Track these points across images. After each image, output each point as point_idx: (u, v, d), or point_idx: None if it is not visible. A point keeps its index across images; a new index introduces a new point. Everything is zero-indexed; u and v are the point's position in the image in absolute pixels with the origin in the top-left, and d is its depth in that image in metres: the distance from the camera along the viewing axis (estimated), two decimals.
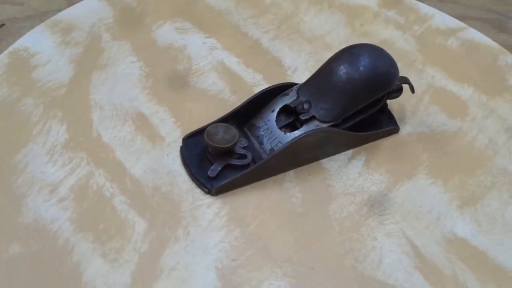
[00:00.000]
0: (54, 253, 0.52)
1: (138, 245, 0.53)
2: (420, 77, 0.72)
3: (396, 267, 0.53)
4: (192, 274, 0.52)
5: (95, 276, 0.51)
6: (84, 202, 0.56)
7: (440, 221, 0.57)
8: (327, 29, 0.78)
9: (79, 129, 0.62)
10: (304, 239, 0.55)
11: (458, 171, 0.62)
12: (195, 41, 0.74)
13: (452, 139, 0.65)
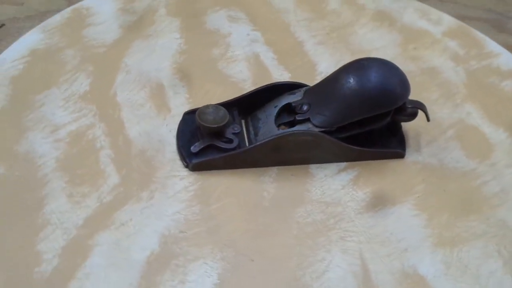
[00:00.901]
0: (30, 183, 0.57)
1: (103, 195, 0.57)
2: (455, 110, 0.68)
3: (336, 283, 0.52)
4: (138, 233, 0.54)
5: (54, 211, 0.55)
6: (75, 147, 0.61)
7: (406, 253, 0.54)
8: (376, 46, 0.76)
9: (101, 85, 0.67)
10: (257, 231, 0.55)
11: (450, 211, 0.58)
12: (241, 31, 0.77)
13: (459, 178, 0.61)
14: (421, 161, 0.62)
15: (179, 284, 0.50)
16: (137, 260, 0.52)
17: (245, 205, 0.57)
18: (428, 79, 0.71)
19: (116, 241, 0.53)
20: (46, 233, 0.53)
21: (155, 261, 0.52)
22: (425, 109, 0.61)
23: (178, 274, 0.51)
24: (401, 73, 0.58)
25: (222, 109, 0.60)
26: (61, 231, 0.53)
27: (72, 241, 0.53)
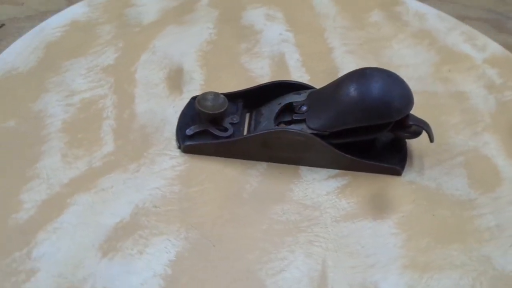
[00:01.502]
0: (33, 138, 0.61)
1: (94, 160, 0.60)
2: (472, 138, 0.65)
3: (290, 284, 0.51)
4: (115, 200, 0.56)
5: (46, 167, 0.59)
6: (83, 113, 0.64)
7: (371, 269, 0.52)
8: (409, 63, 0.74)
9: (125, 61, 0.71)
10: (227, 220, 0.55)
11: (433, 236, 0.55)
12: (274, 30, 0.77)
13: (454, 206, 0.58)
14: (418, 182, 0.60)
15: (137, 254, 0.52)
16: (106, 225, 0.54)
17: (224, 193, 0.57)
18: (453, 103, 0.69)
19: (92, 204, 0.55)
20: (32, 185, 0.57)
21: (122, 228, 0.54)
22: (428, 128, 0.59)
23: (139, 244, 0.53)
24: (404, 87, 0.57)
25: (222, 98, 0.61)
26: (46, 186, 0.57)
27: (53, 197, 0.56)
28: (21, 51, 0.70)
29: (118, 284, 0.50)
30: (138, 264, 0.51)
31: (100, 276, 0.50)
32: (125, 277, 0.50)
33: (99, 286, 0.50)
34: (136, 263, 0.51)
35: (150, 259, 0.52)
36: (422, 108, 0.62)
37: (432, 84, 0.70)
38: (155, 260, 0.52)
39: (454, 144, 0.64)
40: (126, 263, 0.51)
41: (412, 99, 0.57)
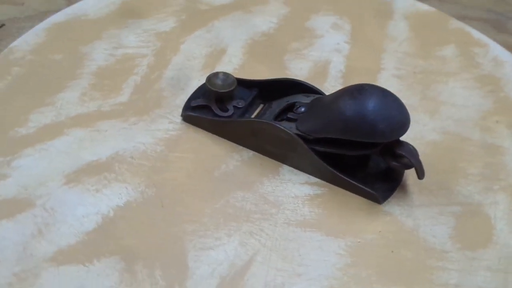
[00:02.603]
0: (66, 74, 0.69)
1: (104, 105, 0.65)
2: (481, 193, 0.59)
3: (210, 262, 0.52)
4: (102, 142, 0.61)
5: (63, 99, 0.66)
6: (118, 65, 0.70)
7: (296, 277, 0.51)
8: (457, 103, 0.70)
9: (180, 31, 0.76)
10: (187, 189, 0.57)
11: (378, 270, 0.52)
12: (333, 38, 0.77)
13: (420, 250, 0.54)
14: (396, 216, 0.57)
15: (93, 191, 0.56)
16: (82, 159, 0.59)
17: (198, 166, 0.59)
18: (481, 154, 0.63)
19: (82, 139, 0.61)
20: (44, 110, 0.64)
21: (94, 166, 0.58)
22: (416, 163, 0.55)
23: (99, 184, 0.57)
24: (399, 112, 0.54)
25: (231, 80, 0.63)
26: (54, 113, 0.63)
27: (55, 124, 0.62)
28: (98, 3, 0.78)
29: (64, 209, 0.54)
30: (89, 199, 0.55)
31: (54, 198, 0.55)
32: (73, 205, 0.55)
33: (48, 205, 0.54)
34: (88, 198, 0.55)
35: (102, 199, 0.55)
36: (444, 149, 0.61)
37: (469, 129, 0.65)
38: (105, 201, 0.55)
39: (457, 192, 0.59)
40: (80, 195, 0.55)
41: (402, 126, 0.54)
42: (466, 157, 0.62)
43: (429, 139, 0.64)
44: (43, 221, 0.53)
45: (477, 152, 0.63)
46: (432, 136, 0.64)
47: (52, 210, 0.54)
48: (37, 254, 0.51)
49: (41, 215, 0.53)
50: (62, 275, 0.49)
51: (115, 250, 0.51)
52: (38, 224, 0.53)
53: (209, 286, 0.49)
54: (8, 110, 0.63)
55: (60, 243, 0.52)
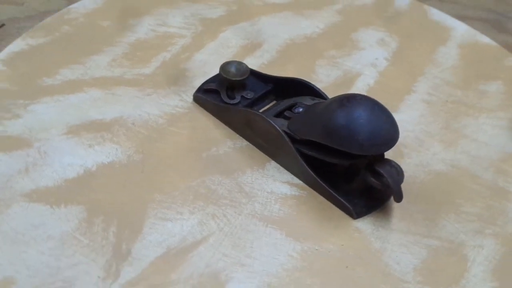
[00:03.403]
0: (107, 40, 0.74)
1: (128, 73, 0.69)
2: (468, 234, 0.56)
3: (162, 232, 0.54)
4: (112, 105, 0.65)
5: (94, 61, 0.71)
6: (156, 40, 0.75)
7: (238, 266, 0.51)
8: (479, 139, 0.66)
9: (223, 20, 0.79)
10: (171, 163, 0.59)
11: (324, 280, 0.51)
12: (374, 53, 0.76)
13: (377, 273, 0.52)
14: (365, 234, 0.55)
15: (86, 146, 0.60)
16: (88, 116, 0.63)
17: (190, 144, 0.61)
18: (487, 194, 0.59)
19: (96, 99, 0.65)
20: (75, 67, 0.69)
21: (96, 124, 0.63)
22: (394, 185, 0.53)
23: (94, 140, 0.61)
24: (385, 129, 0.52)
25: (244, 71, 0.64)
26: (81, 72, 0.69)
27: (78, 81, 0.67)
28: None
29: (55, 155, 0.59)
30: (80, 152, 0.59)
31: (50, 144, 0.60)
32: (63, 154, 0.59)
33: (43, 149, 0.59)
34: (79, 150, 0.59)
35: (91, 154, 0.59)
36: (446, 181, 0.60)
37: (482, 168, 0.62)
38: (93, 156, 0.59)
39: (442, 227, 0.56)
40: (73, 147, 0.60)
41: (385, 143, 0.52)
42: (467, 194, 0.59)
43: (433, 169, 0.61)
44: (33, 161, 0.58)
45: (481, 192, 0.59)
46: (439, 166, 0.61)
47: (45, 153, 0.58)
48: (16, 188, 0.55)
49: (34, 156, 0.58)
50: (30, 210, 0.53)
51: (83, 200, 0.55)
52: (28, 163, 0.57)
53: (152, 253, 0.51)
54: (45, 61, 0.69)
55: (39, 183, 0.56)
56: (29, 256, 0.50)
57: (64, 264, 0.50)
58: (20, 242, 0.51)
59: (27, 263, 0.49)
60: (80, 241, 0.51)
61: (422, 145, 0.63)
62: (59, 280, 0.48)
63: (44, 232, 0.52)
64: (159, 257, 0.51)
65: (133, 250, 0.51)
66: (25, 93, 0.65)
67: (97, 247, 0.51)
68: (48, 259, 0.50)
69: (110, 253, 0.51)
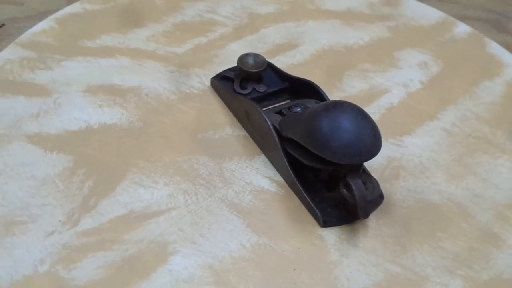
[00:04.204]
0: (156, 19, 0.78)
1: (161, 50, 0.73)
2: (438, 271, 0.54)
3: (132, 196, 0.56)
4: (136, 74, 0.69)
5: (136, 33, 0.75)
6: (199, 26, 0.78)
7: (189, 243, 0.52)
8: (489, 179, 0.62)
9: (273, 17, 0.80)
10: (166, 135, 0.62)
11: (267, 274, 0.51)
12: (411, 74, 0.74)
13: (323, 283, 0.51)
14: (327, 244, 0.54)
15: (97, 106, 0.64)
16: (110, 80, 0.68)
17: (191, 124, 0.64)
18: (472, 235, 0.56)
19: (123, 66, 0.70)
20: (114, 35, 0.74)
21: (114, 89, 0.67)
22: (359, 198, 0.52)
23: (106, 102, 0.65)
24: (363, 140, 0.51)
25: (260, 64, 0.65)
26: (120, 40, 0.74)
27: (113, 47, 0.72)
28: None
29: (67, 108, 0.64)
30: (89, 109, 0.64)
31: (67, 97, 0.65)
32: (74, 108, 0.64)
33: (59, 100, 0.65)
34: (89, 108, 0.64)
35: (98, 113, 0.64)
36: (434, 212, 0.57)
37: (481, 209, 0.58)
38: (99, 116, 0.63)
39: (410, 256, 0.54)
40: (85, 104, 0.64)
41: (359, 154, 0.51)
42: (452, 231, 0.56)
43: (426, 198, 0.58)
44: (46, 109, 0.63)
45: (469, 232, 0.56)
46: (433, 197, 0.59)
47: (59, 105, 0.63)
48: (22, 128, 0.60)
49: (48, 105, 0.63)
50: (26, 150, 0.58)
51: (74, 152, 0.59)
52: (41, 110, 0.63)
53: (115, 212, 0.54)
54: (92, 25, 0.74)
55: (43, 129, 0.61)
56: (8, 188, 0.54)
57: (35, 202, 0.54)
58: (6, 175, 0.56)
59: (4, 194, 0.54)
60: (57, 186, 0.55)
61: (424, 172, 0.60)
62: (25, 215, 0.53)
63: (30, 171, 0.56)
64: (120, 216, 0.53)
65: (99, 205, 0.54)
66: (63, 50, 0.70)
67: (69, 194, 0.55)
68: (23, 194, 0.54)
69: (78, 202, 0.54)
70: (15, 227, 0.52)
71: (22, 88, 0.65)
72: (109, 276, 0.49)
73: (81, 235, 0.52)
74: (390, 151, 0.62)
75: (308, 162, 0.54)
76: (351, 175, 0.52)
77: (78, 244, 0.51)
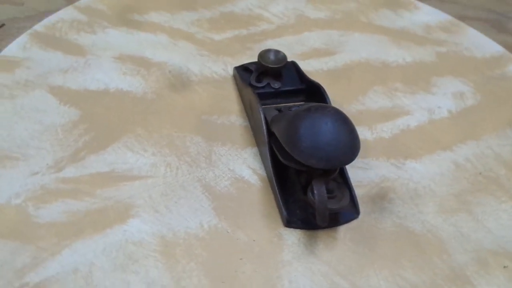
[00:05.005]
0: (213, 2, 0.82)
1: (199, 35, 0.76)
2: None
3: (118, 158, 0.60)
4: (164, 52, 0.73)
5: (183, 16, 0.79)
6: (248, 20, 0.80)
7: (157, 214, 0.56)
8: (485, 223, 0.58)
9: (318, 23, 0.81)
10: (170, 110, 0.64)
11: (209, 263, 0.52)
12: (441, 102, 0.71)
13: (263, 274, 0.51)
14: (283, 243, 0.54)
15: (121, 73, 0.69)
16: (142, 53, 0.72)
17: (199, 105, 0.66)
18: (440, 273, 0.54)
19: (159, 43, 0.74)
20: (165, 14, 0.78)
21: (143, 61, 0.71)
22: (318, 205, 0.51)
23: (130, 71, 0.69)
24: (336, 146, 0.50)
25: (278, 60, 0.66)
26: (167, 19, 0.78)
27: (158, 25, 0.76)
28: None
29: (93, 70, 0.69)
30: (112, 74, 0.68)
31: (98, 61, 0.70)
32: (99, 71, 0.69)
33: (90, 62, 0.70)
34: (113, 73, 0.69)
35: (119, 79, 0.68)
36: (410, 242, 0.55)
37: (462, 250, 0.55)
38: (119, 82, 0.68)
39: (363, 275, 0.52)
40: (111, 69, 0.69)
41: (327, 159, 0.50)
42: (420, 263, 0.53)
43: (406, 224, 0.56)
44: (75, 67, 0.68)
45: (438, 268, 0.53)
46: (414, 225, 0.56)
47: (88, 66, 0.69)
48: (49, 79, 0.66)
49: (79, 63, 0.69)
50: (43, 98, 0.64)
51: (83, 108, 0.63)
52: (71, 66, 0.68)
53: (98, 168, 0.58)
54: (145, 1, 0.79)
55: (66, 83, 0.66)
56: (16, 127, 0.60)
57: (33, 144, 0.59)
58: (19, 115, 0.61)
59: (10, 131, 0.60)
60: (57, 134, 0.60)
61: (414, 199, 0.58)
62: (20, 153, 0.58)
63: (40, 117, 0.62)
64: (101, 173, 0.57)
65: (87, 159, 0.58)
66: (112, 19, 0.76)
67: (64, 144, 0.59)
68: (26, 135, 0.59)
69: (69, 152, 0.58)
70: (7, 161, 0.57)
71: (64, 46, 0.70)
72: (68, 222, 0.52)
73: (60, 181, 0.56)
74: (386, 171, 0.60)
75: (283, 159, 0.54)
76: (317, 179, 0.52)
77: (54, 188, 0.55)
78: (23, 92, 0.64)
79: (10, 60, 0.68)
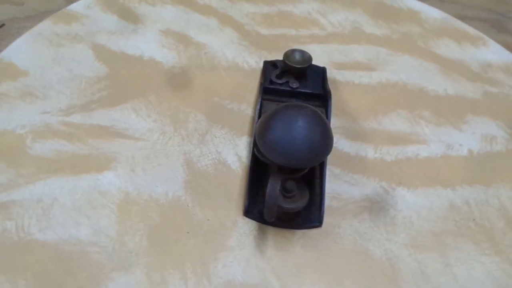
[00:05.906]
0: None
1: (249, 25, 0.80)
2: None
3: (124, 126, 0.65)
4: (207, 30, 0.77)
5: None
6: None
7: (143, 189, 0.60)
8: (473, 277, 0.56)
9: (361, 35, 0.80)
10: (183, 86, 0.68)
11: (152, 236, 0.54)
12: (465, 140, 0.67)
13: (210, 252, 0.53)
14: (234, 230, 0.55)
15: (161, 45, 0.73)
16: (187, 30, 0.76)
17: (217, 88, 0.68)
18: None
19: (206, 25, 0.78)
20: (226, 2, 0.82)
21: (183, 37, 0.75)
22: (267, 201, 0.51)
23: (170, 45, 0.74)
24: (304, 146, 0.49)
25: (300, 61, 0.67)
26: (226, 6, 0.82)
27: (218, 11, 0.81)
28: None
29: (138, 38, 0.74)
30: (152, 45, 0.73)
31: (146, 30, 0.75)
32: (143, 40, 0.74)
33: (139, 30, 0.75)
34: (153, 44, 0.73)
35: (156, 50, 0.72)
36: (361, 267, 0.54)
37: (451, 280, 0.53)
38: (155, 52, 0.72)
39: (299, 284, 0.53)
40: (154, 40, 0.74)
41: (286, 155, 0.50)
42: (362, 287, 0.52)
43: (366, 246, 0.55)
44: (123, 32, 0.74)
45: None
46: (374, 249, 0.55)
47: (135, 33, 0.74)
48: (95, 37, 0.73)
49: (128, 29, 0.75)
50: (84, 52, 0.71)
51: (112, 68, 0.69)
52: (119, 30, 0.74)
53: (99, 120, 0.62)
54: None
55: (108, 43, 0.72)
56: (50, 71, 0.67)
57: (57, 88, 0.65)
58: (56, 62, 0.69)
59: (44, 74, 0.67)
60: (80, 85, 0.66)
61: (387, 226, 0.56)
62: (42, 93, 0.65)
63: (73, 66, 0.68)
64: (100, 126, 0.62)
65: (95, 112, 0.64)
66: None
67: (82, 94, 0.65)
68: (54, 79, 0.66)
69: (83, 102, 0.64)
70: (29, 97, 0.64)
71: (122, 11, 0.77)
72: (53, 159, 0.58)
73: (63, 124, 0.61)
74: (372, 192, 0.59)
75: (256, 149, 0.55)
76: (274, 175, 0.52)
77: (56, 128, 0.61)
78: (69, 43, 0.71)
79: (71, 14, 0.75)
